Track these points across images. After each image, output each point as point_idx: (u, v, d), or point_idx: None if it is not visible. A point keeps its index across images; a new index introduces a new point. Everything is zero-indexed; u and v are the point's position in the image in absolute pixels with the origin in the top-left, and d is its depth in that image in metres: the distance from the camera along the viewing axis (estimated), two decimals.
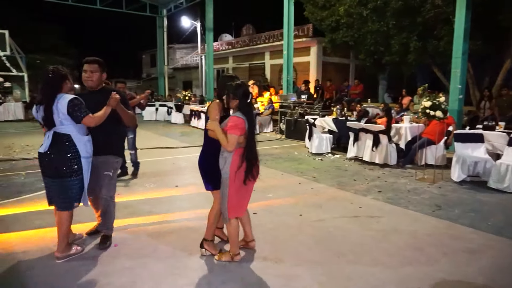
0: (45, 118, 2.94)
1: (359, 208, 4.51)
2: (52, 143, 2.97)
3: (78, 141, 3.01)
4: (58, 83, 2.99)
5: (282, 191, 5.23)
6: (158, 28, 22.19)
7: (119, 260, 3.13)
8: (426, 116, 5.76)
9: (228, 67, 22.87)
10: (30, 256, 3.18)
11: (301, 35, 17.01)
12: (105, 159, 3.29)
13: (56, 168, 2.97)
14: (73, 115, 2.94)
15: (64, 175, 2.98)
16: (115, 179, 3.44)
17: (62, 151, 2.97)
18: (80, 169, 3.03)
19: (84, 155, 3.05)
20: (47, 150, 2.97)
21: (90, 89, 3.32)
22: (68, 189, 3.02)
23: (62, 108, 2.91)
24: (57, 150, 2.96)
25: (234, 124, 2.82)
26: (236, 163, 2.88)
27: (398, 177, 6.13)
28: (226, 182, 2.92)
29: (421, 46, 10.05)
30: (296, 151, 8.56)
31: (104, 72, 3.33)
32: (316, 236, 3.65)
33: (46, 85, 3.00)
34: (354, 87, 12.48)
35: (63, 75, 3.02)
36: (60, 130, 2.96)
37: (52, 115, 2.92)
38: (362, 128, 7.12)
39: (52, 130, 2.97)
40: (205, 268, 3.03)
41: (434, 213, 4.33)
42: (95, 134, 3.17)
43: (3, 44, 16.28)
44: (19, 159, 7.37)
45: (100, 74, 3.29)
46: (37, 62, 22.49)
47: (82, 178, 3.06)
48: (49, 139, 2.98)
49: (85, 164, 3.05)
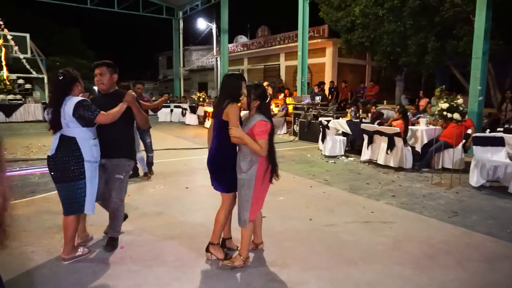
0: (52, 120, 2.94)
1: (371, 213, 4.38)
2: (58, 146, 2.95)
3: (83, 145, 2.97)
4: (68, 86, 2.98)
5: (293, 194, 5.15)
6: (174, 30, 22.43)
7: (125, 262, 3.12)
8: (443, 118, 5.57)
9: (243, 69, 22.90)
10: (39, 256, 3.20)
11: (317, 36, 16.88)
12: (118, 162, 3.27)
13: (60, 171, 2.94)
14: (84, 117, 2.92)
15: (67, 179, 2.95)
16: (126, 182, 3.41)
17: (66, 155, 2.93)
18: (82, 174, 2.96)
19: (88, 159, 2.98)
20: (53, 153, 2.95)
21: (103, 92, 3.32)
22: (72, 193, 2.97)
23: (68, 111, 2.89)
24: (61, 153, 2.93)
25: (264, 129, 2.80)
26: (263, 166, 2.88)
27: (413, 181, 5.95)
28: (250, 184, 2.87)
29: (440, 46, 9.77)
30: (309, 154, 8.45)
31: (115, 73, 3.31)
32: (326, 241, 3.56)
33: (55, 87, 3.02)
34: (370, 89, 12.26)
35: (73, 77, 3.02)
36: (66, 133, 2.95)
37: (59, 118, 2.91)
38: (376, 130, 6.96)
39: (59, 133, 2.96)
40: (211, 272, 2.99)
41: (450, 220, 4.17)
42: (107, 138, 3.16)
43: (24, 47, 16.74)
44: (36, 159, 7.52)
45: (110, 76, 3.27)
46: (57, 64, 23.05)
47: (85, 182, 2.99)
48: (55, 142, 2.97)
49: (89, 168, 2.99)
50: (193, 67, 29.26)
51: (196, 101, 15.27)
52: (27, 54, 17.02)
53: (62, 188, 2.99)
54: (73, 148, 2.93)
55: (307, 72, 17.78)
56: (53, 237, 3.61)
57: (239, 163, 2.91)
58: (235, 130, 2.76)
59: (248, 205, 2.90)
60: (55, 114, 2.91)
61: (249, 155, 2.86)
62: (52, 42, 28.29)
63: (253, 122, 2.84)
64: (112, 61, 3.30)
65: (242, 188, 2.91)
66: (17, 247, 3.35)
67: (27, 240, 3.52)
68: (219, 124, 2.96)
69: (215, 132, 3.01)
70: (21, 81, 16.13)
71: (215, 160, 3.03)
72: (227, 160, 2.98)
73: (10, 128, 13.58)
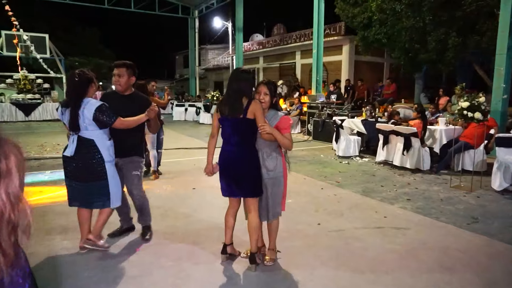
0: (71, 122, 2.97)
1: (384, 218, 4.15)
2: (77, 148, 3.01)
3: (101, 146, 3.04)
4: (84, 87, 3.01)
5: (303, 197, 4.95)
6: (190, 29, 22.45)
7: (124, 267, 3.00)
8: (463, 118, 5.26)
9: (259, 67, 22.73)
10: (37, 257, 3.13)
11: (333, 34, 16.52)
12: (131, 160, 3.35)
13: (82, 172, 3.03)
14: (102, 121, 2.97)
15: (89, 179, 3.04)
16: (141, 178, 3.53)
17: (87, 156, 3.00)
18: (105, 173, 3.07)
19: (108, 159, 3.08)
20: (73, 154, 3.01)
21: (119, 93, 3.35)
22: (94, 192, 3.09)
23: (88, 115, 2.93)
24: (82, 155, 3.00)
25: (289, 123, 2.88)
26: (284, 159, 2.98)
27: (430, 184, 5.65)
28: (281, 181, 2.93)
29: (461, 42, 9.34)
30: (322, 154, 8.21)
31: (133, 75, 3.34)
32: (333, 248, 3.36)
33: (72, 88, 3.03)
34: (387, 87, 11.87)
35: (89, 78, 3.05)
36: (85, 134, 2.99)
37: (78, 120, 2.94)
38: (392, 130, 6.67)
39: (77, 134, 3.00)
40: (209, 279, 2.84)
41: (469, 227, 3.89)
42: (120, 137, 3.20)
43: (43, 47, 17.07)
44: (48, 157, 7.57)
45: (128, 78, 3.30)
46: (76, 64, 23.49)
47: (107, 182, 3.09)
48: (74, 143, 3.01)
49: (109, 167, 3.09)
50: (209, 66, 29.28)
51: (211, 100, 15.20)
52: (46, 54, 17.36)
53: (83, 187, 3.09)
54: (93, 150, 3.01)
55: (323, 70, 17.52)
56: (54, 238, 3.55)
57: (264, 162, 2.86)
58: (267, 126, 2.73)
59: (280, 200, 2.97)
60: (74, 116, 2.94)
61: (272, 152, 2.86)
62: (72, 42, 28.88)
63: (277, 118, 2.86)
64: (132, 63, 3.35)
65: (273, 187, 2.89)
66: None
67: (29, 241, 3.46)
68: (242, 123, 2.77)
69: (239, 132, 2.81)
70: (39, 81, 16.42)
71: (244, 163, 2.82)
72: (255, 160, 2.85)
73: (28, 126, 13.86)
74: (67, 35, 29.55)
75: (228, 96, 2.85)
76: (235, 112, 2.78)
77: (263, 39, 23.21)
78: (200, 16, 22.47)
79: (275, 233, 3.08)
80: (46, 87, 16.59)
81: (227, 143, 2.87)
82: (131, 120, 3.14)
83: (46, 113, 15.77)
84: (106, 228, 3.44)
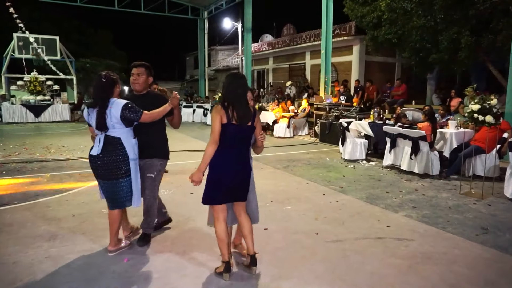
0: (98, 122, 3.06)
1: (386, 227, 3.92)
2: (103, 147, 3.09)
3: (127, 144, 3.15)
4: (110, 88, 3.13)
5: (303, 203, 4.75)
6: (199, 30, 22.43)
7: (108, 279, 2.87)
8: (474, 121, 4.98)
9: (268, 68, 22.57)
10: (20, 267, 3.02)
11: (343, 34, 16.23)
12: (150, 162, 3.39)
13: (107, 170, 3.12)
14: (130, 119, 3.09)
15: (114, 177, 3.13)
16: (158, 181, 3.50)
17: (113, 154, 3.10)
18: (128, 171, 3.17)
19: (132, 157, 3.18)
20: (99, 153, 3.10)
21: (136, 92, 3.43)
22: (119, 190, 3.17)
23: (115, 113, 3.04)
24: (108, 153, 3.09)
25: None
26: None
27: (439, 190, 5.38)
28: (254, 183, 3.00)
29: (474, 41, 8.97)
30: (328, 157, 7.98)
31: (150, 76, 3.44)
32: (330, 260, 3.16)
33: (98, 90, 3.13)
34: (397, 88, 11.54)
35: (114, 80, 3.18)
36: (112, 133, 3.10)
37: (105, 119, 3.05)
38: (399, 133, 6.41)
39: (104, 133, 3.10)
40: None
41: (478, 238, 3.64)
42: (141, 139, 3.28)
43: (54, 49, 17.25)
44: (51, 160, 7.55)
45: (146, 78, 3.39)
46: (87, 66, 23.73)
47: (131, 179, 3.19)
48: (100, 142, 3.11)
49: (133, 165, 3.19)
50: (218, 67, 29.24)
51: (218, 101, 15.10)
52: (57, 56, 17.53)
53: (107, 185, 3.18)
54: (119, 148, 3.11)
55: (334, 71, 17.22)
56: (40, 246, 3.44)
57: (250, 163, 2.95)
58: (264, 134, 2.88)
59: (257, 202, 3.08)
60: (101, 116, 3.04)
61: (250, 156, 2.92)
62: (85, 44, 29.25)
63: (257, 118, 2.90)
64: (148, 63, 3.44)
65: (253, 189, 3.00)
66: (0, 257, 3.20)
67: (13, 249, 3.36)
68: (249, 131, 2.81)
69: (245, 139, 2.83)
70: (49, 82, 16.58)
71: (249, 168, 2.91)
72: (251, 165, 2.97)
73: (37, 128, 13.98)
74: (80, 37, 29.95)
75: (241, 103, 2.73)
76: (248, 119, 2.76)
77: (273, 39, 23.02)
78: (209, 17, 22.42)
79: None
80: (55, 88, 16.72)
81: (230, 148, 2.76)
82: (156, 111, 3.21)
83: (56, 114, 15.90)
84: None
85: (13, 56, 16.89)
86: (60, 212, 4.36)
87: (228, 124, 2.69)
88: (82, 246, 3.43)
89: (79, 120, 16.57)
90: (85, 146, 9.10)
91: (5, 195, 5.03)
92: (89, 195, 5.02)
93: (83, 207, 4.54)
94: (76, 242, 3.53)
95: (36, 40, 16.71)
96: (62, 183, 5.66)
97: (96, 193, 5.09)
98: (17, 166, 6.88)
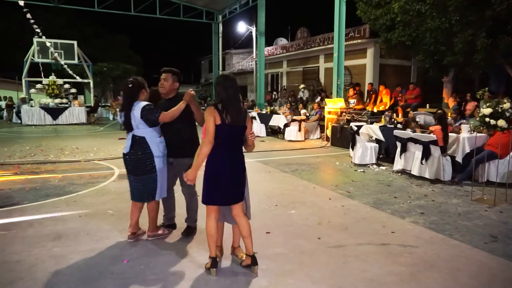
0: (125, 123, 3.44)
1: (391, 233, 3.84)
2: (131, 145, 3.43)
3: (151, 143, 3.42)
4: (136, 92, 3.44)
5: (308, 208, 4.70)
6: (214, 34, 22.65)
7: (107, 279, 2.89)
8: (486, 125, 4.84)
9: (282, 71, 22.55)
10: (22, 266, 3.08)
11: (357, 37, 16.10)
12: (181, 161, 3.53)
13: (135, 166, 3.44)
14: (149, 118, 3.35)
15: (140, 173, 3.43)
16: None
17: (139, 152, 3.41)
18: (154, 167, 3.43)
19: (157, 154, 3.43)
20: (128, 151, 3.44)
21: (163, 96, 3.65)
22: (145, 184, 3.46)
23: (137, 114, 3.35)
24: (134, 151, 3.42)
25: None
26: None
27: (449, 196, 5.24)
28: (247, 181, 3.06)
29: (491, 43, 8.73)
30: (338, 161, 7.89)
31: (177, 81, 3.62)
32: (329, 266, 3.11)
33: (126, 94, 3.49)
34: (410, 92, 11.32)
35: (140, 84, 3.48)
36: (137, 133, 3.41)
37: (130, 121, 3.39)
38: (410, 137, 6.28)
39: (131, 133, 3.44)
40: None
41: (486, 246, 3.52)
42: (172, 139, 3.52)
43: (71, 53, 17.71)
44: (63, 161, 7.72)
45: (172, 83, 3.57)
46: (104, 70, 24.26)
47: (157, 175, 3.45)
48: (129, 141, 3.45)
49: (158, 162, 3.44)
50: (233, 70, 29.37)
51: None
52: (74, 60, 17.98)
53: (136, 180, 3.49)
54: (144, 146, 3.40)
55: (347, 74, 17.05)
56: (44, 245, 3.51)
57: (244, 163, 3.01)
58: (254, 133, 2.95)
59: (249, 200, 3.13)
60: (127, 117, 3.39)
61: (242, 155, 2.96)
62: (103, 48, 29.94)
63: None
64: (178, 70, 3.63)
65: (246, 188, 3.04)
66: (4, 255, 3.28)
67: (18, 247, 3.44)
68: (242, 131, 2.89)
69: (239, 139, 2.90)
70: (67, 86, 17.01)
71: (243, 168, 2.97)
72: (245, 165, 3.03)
73: (54, 130, 14.34)
74: (98, 41, 30.67)
75: (233, 104, 2.80)
76: (241, 120, 2.83)
77: (287, 43, 23.01)
78: (224, 21, 22.60)
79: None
80: (73, 91, 17.14)
81: (225, 148, 2.82)
82: (172, 110, 3.36)
83: (73, 117, 16.29)
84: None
85: (33, 60, 17.42)
86: (67, 213, 4.44)
87: (221, 125, 2.75)
88: (85, 246, 3.48)
89: (95, 122, 16.92)
90: (98, 148, 9.28)
91: (17, 194, 5.17)
92: (96, 197, 5.10)
93: (90, 208, 4.62)
94: (79, 242, 3.58)
95: (55, 44, 17.20)
96: (71, 184, 5.78)
97: (102, 195, 5.20)
98: (31, 167, 7.06)
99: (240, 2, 20.44)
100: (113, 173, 6.56)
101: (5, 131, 13.81)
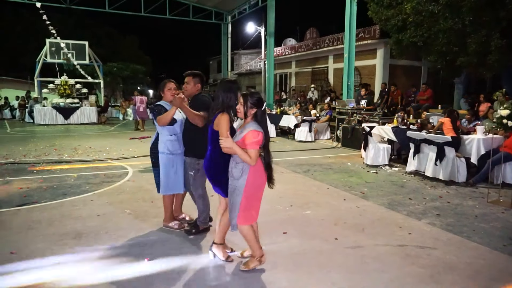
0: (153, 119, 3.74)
1: (408, 234, 3.83)
2: (154, 139, 3.80)
3: (161, 139, 3.70)
4: (160, 93, 3.82)
5: (323, 208, 4.71)
6: (223, 34, 22.73)
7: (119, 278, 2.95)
8: (503, 127, 4.80)
9: (291, 72, 22.54)
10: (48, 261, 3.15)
11: (367, 37, 16.04)
12: (188, 160, 3.65)
13: (151, 159, 3.83)
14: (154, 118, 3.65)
15: (152, 165, 3.83)
16: (198, 179, 3.66)
17: (152, 145, 3.79)
18: (157, 163, 3.72)
19: (162, 150, 3.68)
20: (151, 143, 3.84)
21: (186, 97, 3.77)
22: (154, 176, 3.85)
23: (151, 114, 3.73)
24: (152, 144, 3.80)
25: (255, 140, 2.76)
26: (255, 175, 2.83)
27: (465, 198, 5.21)
28: (239, 192, 2.84)
29: (505, 44, 8.64)
30: (350, 162, 7.88)
31: (198, 83, 3.73)
32: (347, 267, 3.12)
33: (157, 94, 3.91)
34: (422, 93, 11.25)
35: (165, 84, 3.77)
36: (157, 129, 3.74)
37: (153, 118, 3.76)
38: (424, 138, 6.26)
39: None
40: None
41: (505, 249, 3.50)
42: (183, 138, 3.69)
43: (83, 54, 17.91)
44: (78, 160, 7.82)
45: (193, 85, 3.72)
46: (114, 70, 24.48)
47: (159, 170, 3.71)
48: (155, 135, 3.81)
49: (162, 158, 3.69)
50: (241, 70, 29.46)
51: None
52: (86, 60, 18.18)
53: (153, 171, 3.87)
54: (156, 142, 3.76)
55: (357, 75, 16.99)
56: (66, 243, 3.57)
57: (231, 169, 2.89)
58: (224, 141, 2.77)
59: (236, 211, 2.86)
60: (152, 116, 3.71)
61: (240, 162, 2.82)
62: (113, 49, 30.22)
63: (245, 132, 2.78)
64: (200, 72, 3.79)
65: (232, 194, 2.89)
66: (25, 255, 3.34)
67: (41, 245, 3.51)
68: (211, 132, 3.01)
69: (208, 138, 3.06)
70: (78, 86, 17.21)
71: (209, 166, 3.06)
72: (220, 165, 2.99)
73: (66, 129, 14.52)
74: (109, 42, 30.97)
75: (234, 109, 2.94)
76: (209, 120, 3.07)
77: (296, 43, 23.00)
78: (233, 21, 22.66)
79: (250, 243, 2.98)
80: (84, 91, 17.34)
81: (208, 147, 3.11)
82: (164, 114, 3.53)
83: (84, 116, 16.47)
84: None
85: (45, 60, 17.65)
86: (85, 212, 4.51)
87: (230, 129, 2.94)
88: (104, 244, 3.53)
89: (105, 122, 17.08)
90: (111, 148, 9.39)
91: (35, 193, 5.25)
92: (113, 196, 5.17)
93: (107, 207, 4.68)
94: (99, 240, 3.64)
95: (67, 45, 17.42)
96: (87, 183, 5.85)
97: (118, 194, 5.27)
98: (46, 166, 7.17)
99: (250, 3, 20.50)
100: (127, 173, 6.64)
101: (19, 131, 14.02)
